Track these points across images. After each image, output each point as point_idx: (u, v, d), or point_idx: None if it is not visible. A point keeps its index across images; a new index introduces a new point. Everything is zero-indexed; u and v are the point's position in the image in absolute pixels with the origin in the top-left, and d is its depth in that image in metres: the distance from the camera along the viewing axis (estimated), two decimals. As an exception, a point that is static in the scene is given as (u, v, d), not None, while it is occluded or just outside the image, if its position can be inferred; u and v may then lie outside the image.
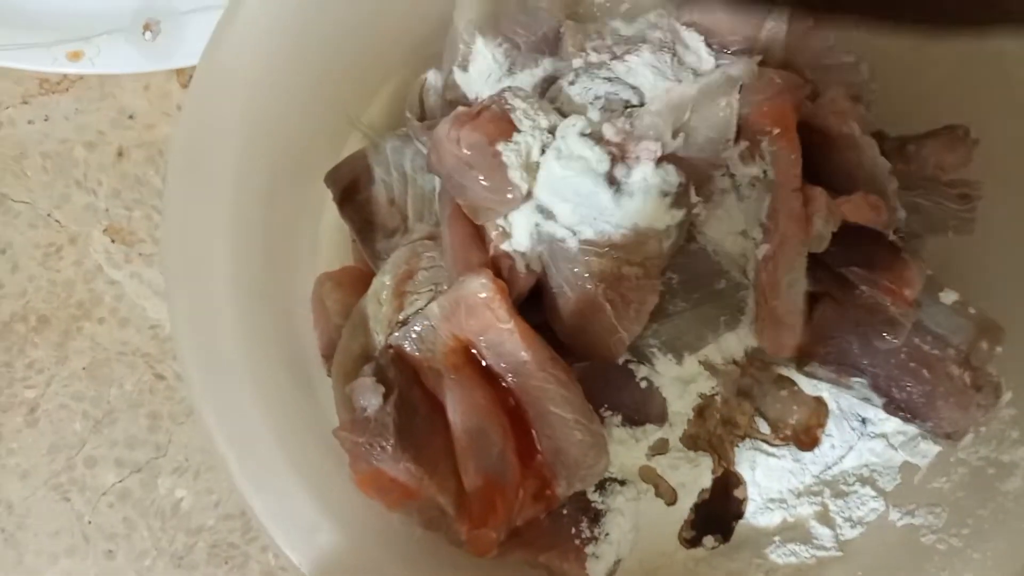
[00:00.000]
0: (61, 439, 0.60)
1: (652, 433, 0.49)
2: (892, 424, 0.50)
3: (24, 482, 0.60)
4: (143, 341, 0.61)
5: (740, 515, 0.51)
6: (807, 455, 0.51)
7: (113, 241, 0.62)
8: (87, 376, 0.61)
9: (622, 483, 0.49)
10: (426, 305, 0.46)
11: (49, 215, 0.62)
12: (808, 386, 0.51)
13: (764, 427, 0.51)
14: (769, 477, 0.51)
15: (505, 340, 0.44)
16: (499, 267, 0.45)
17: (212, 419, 0.44)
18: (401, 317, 0.46)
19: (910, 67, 0.49)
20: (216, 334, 0.45)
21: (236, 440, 0.44)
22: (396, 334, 0.45)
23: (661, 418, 0.49)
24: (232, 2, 0.47)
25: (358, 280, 0.50)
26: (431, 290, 0.47)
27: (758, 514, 0.51)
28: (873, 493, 0.50)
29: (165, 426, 0.60)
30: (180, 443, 0.60)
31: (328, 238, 0.54)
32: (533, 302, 0.46)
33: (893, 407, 0.47)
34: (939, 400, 0.46)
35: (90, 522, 0.59)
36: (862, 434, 0.50)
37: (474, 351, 0.46)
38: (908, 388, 0.46)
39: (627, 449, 0.49)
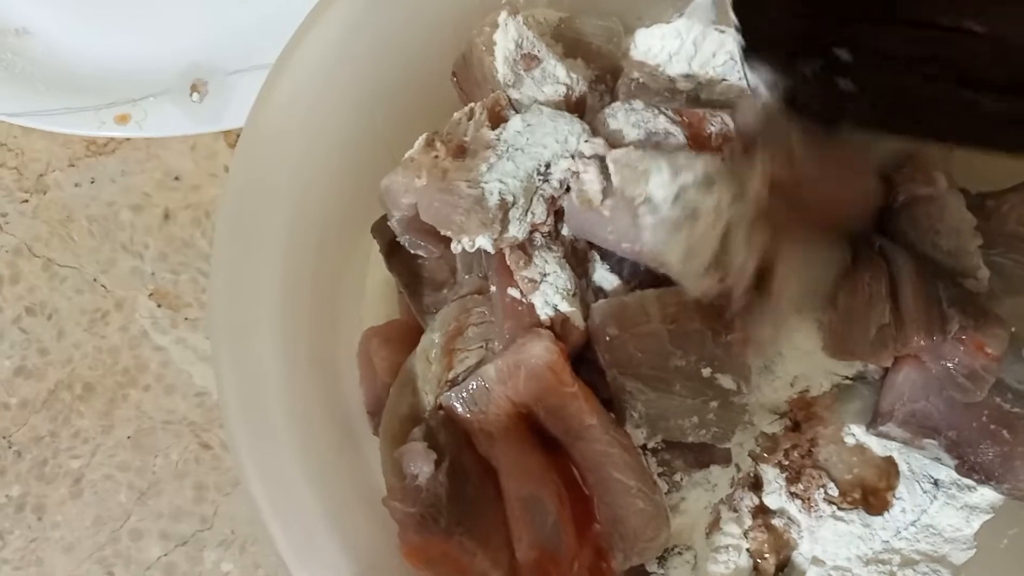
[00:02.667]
0: (106, 511, 0.61)
1: (720, 477, 0.49)
2: (966, 488, 0.49)
3: (69, 556, 0.61)
4: (189, 409, 0.62)
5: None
6: (876, 520, 0.50)
7: (159, 306, 0.63)
8: (132, 446, 0.62)
9: (683, 551, 0.48)
10: (477, 363, 0.46)
11: (95, 280, 0.64)
12: (877, 447, 0.50)
13: (833, 489, 0.50)
14: (836, 543, 0.50)
15: (568, 404, 0.44)
16: (553, 324, 0.45)
17: (259, 490, 0.45)
18: (451, 376, 0.46)
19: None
20: (263, 401, 0.46)
21: (282, 512, 0.45)
22: (447, 394, 0.46)
23: (726, 458, 0.48)
24: (277, 62, 0.48)
25: (406, 335, 0.50)
26: (481, 347, 0.47)
27: None
28: (944, 568, 0.50)
29: (211, 497, 0.61)
30: (226, 515, 0.60)
31: (374, 292, 0.55)
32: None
33: (967, 469, 0.46)
34: (1018, 460, 0.45)
35: (135, 598, 0.59)
36: (934, 498, 0.50)
37: (527, 414, 0.45)
38: (985, 450, 0.46)
39: (697, 499, 0.48)
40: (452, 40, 0.52)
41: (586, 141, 0.45)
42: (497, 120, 0.46)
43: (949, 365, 0.45)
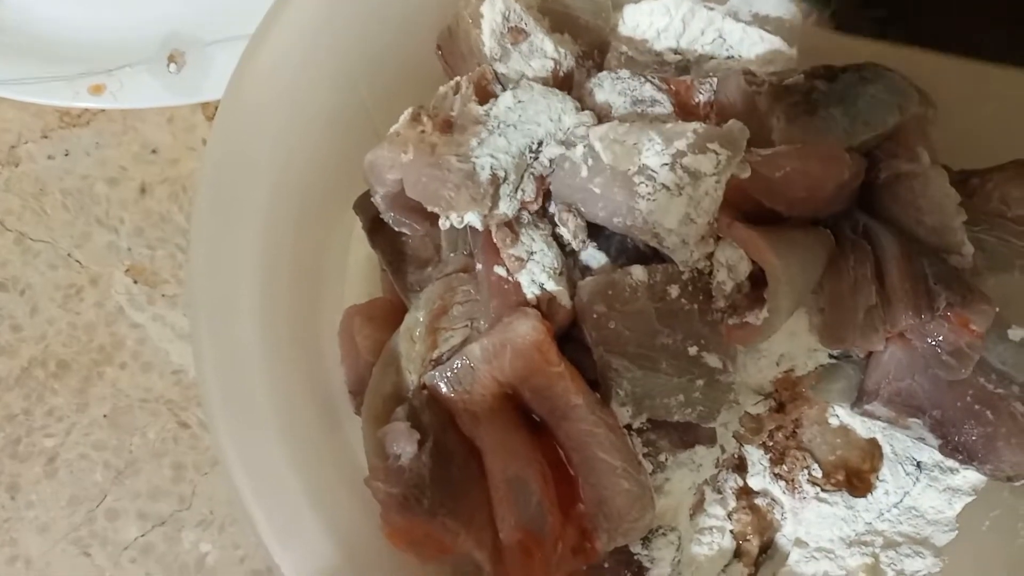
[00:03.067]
0: (82, 490, 0.60)
1: (705, 457, 0.48)
2: (949, 470, 0.50)
3: (43, 536, 0.60)
4: (166, 387, 0.61)
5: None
6: (860, 502, 0.50)
7: (135, 282, 0.62)
8: (108, 424, 0.61)
9: (668, 532, 0.48)
10: (462, 342, 0.46)
11: (69, 255, 0.63)
12: (861, 429, 0.50)
13: (816, 471, 0.51)
14: (820, 524, 0.51)
15: (554, 384, 0.44)
16: (539, 303, 0.45)
17: (239, 472, 0.44)
18: (435, 355, 0.46)
19: (968, 99, 0.49)
20: (243, 379, 0.45)
21: (263, 494, 0.44)
22: (431, 373, 0.45)
23: (711, 438, 0.48)
24: (257, 30, 0.47)
25: (389, 314, 0.50)
26: (466, 326, 0.46)
27: (804, 563, 0.50)
28: (926, 549, 0.50)
29: (189, 477, 0.60)
30: (205, 495, 0.60)
31: (356, 269, 0.54)
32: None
33: (950, 449, 0.47)
34: (1000, 441, 0.45)
35: (111, 578, 0.59)
36: (917, 480, 0.50)
37: (513, 394, 0.45)
38: (968, 430, 0.46)
39: (681, 479, 0.48)
40: (439, 11, 0.51)
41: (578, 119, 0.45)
42: (484, 95, 0.45)
43: (934, 342, 0.45)
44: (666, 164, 0.42)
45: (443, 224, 0.44)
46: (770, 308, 0.42)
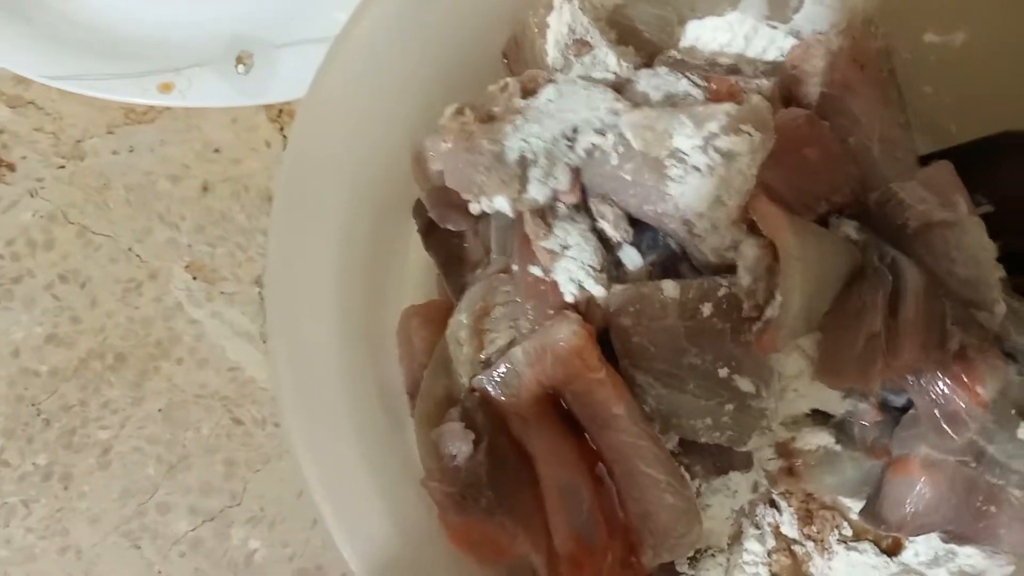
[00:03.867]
0: (134, 483, 0.61)
1: (740, 483, 0.49)
2: None
3: (94, 527, 0.61)
4: (222, 384, 0.62)
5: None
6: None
7: (195, 278, 0.63)
8: (163, 418, 0.62)
9: (716, 553, 0.48)
10: (508, 344, 0.46)
11: (130, 249, 0.64)
12: None
13: (847, 530, 0.51)
14: (851, 573, 0.51)
15: (595, 391, 0.44)
16: (577, 304, 0.45)
17: (308, 463, 0.45)
18: (483, 357, 0.46)
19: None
20: (316, 376, 0.46)
21: (333, 487, 0.45)
22: (479, 377, 0.46)
23: (746, 463, 0.47)
24: (340, 33, 0.48)
25: (445, 315, 0.50)
26: (510, 327, 0.47)
27: None
28: None
29: (241, 473, 0.61)
30: (255, 492, 0.61)
31: (417, 272, 0.55)
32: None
33: (950, 538, 0.47)
34: (1002, 529, 0.46)
35: (160, 572, 0.61)
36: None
37: (558, 399, 0.46)
38: (974, 526, 0.46)
39: (719, 505, 0.48)
40: (510, 20, 0.52)
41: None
42: (529, 94, 0.46)
43: (933, 397, 0.43)
44: (698, 146, 0.42)
45: (474, 209, 0.44)
46: (783, 290, 0.41)
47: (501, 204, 0.44)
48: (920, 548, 0.50)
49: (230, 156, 0.65)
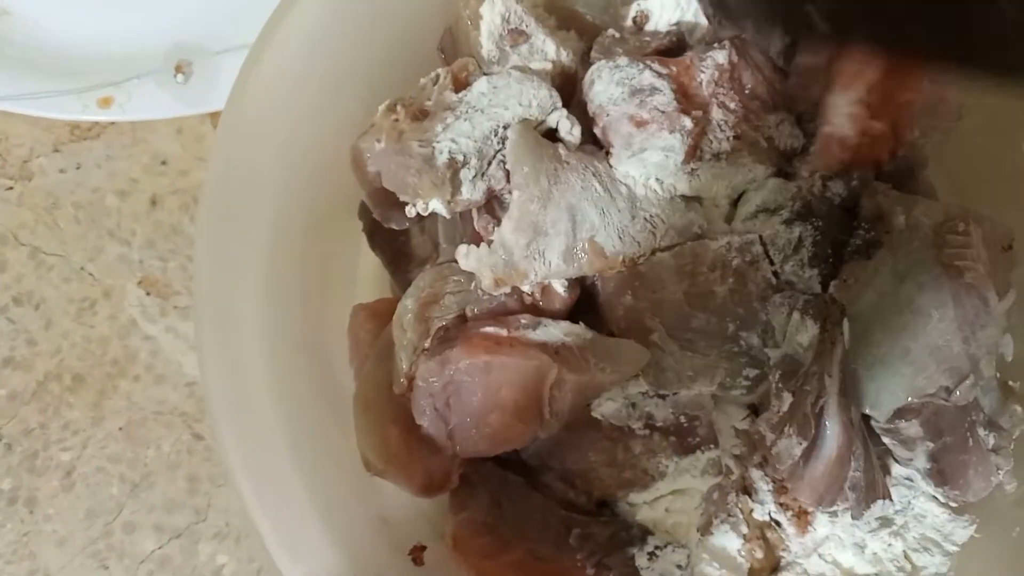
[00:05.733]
0: (98, 504, 0.62)
1: (707, 465, 0.48)
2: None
3: (62, 549, 0.61)
4: (180, 399, 0.62)
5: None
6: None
7: (148, 294, 0.63)
8: (123, 437, 0.62)
9: (677, 548, 0.48)
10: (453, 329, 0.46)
11: (82, 268, 0.64)
12: None
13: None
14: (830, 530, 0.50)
15: None
16: (532, 292, 0.45)
17: (245, 484, 0.45)
18: (427, 344, 0.46)
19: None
20: (249, 390, 0.46)
21: (271, 506, 0.45)
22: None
23: (711, 439, 0.47)
24: (259, 38, 0.48)
25: (393, 311, 0.50)
26: (459, 315, 0.46)
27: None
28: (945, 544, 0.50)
29: (204, 489, 0.61)
30: (220, 507, 0.61)
31: (367, 274, 0.55)
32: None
33: (935, 472, 0.47)
34: (971, 469, 0.46)
35: (129, 592, 0.60)
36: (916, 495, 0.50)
37: None
38: (955, 458, 0.46)
39: (688, 490, 0.48)
40: (443, 14, 0.52)
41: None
42: (461, 85, 0.46)
43: None
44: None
45: (410, 212, 0.44)
46: None
47: (437, 206, 0.44)
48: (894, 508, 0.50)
49: (177, 168, 0.65)
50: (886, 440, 0.46)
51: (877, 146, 0.45)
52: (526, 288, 0.44)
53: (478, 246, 0.43)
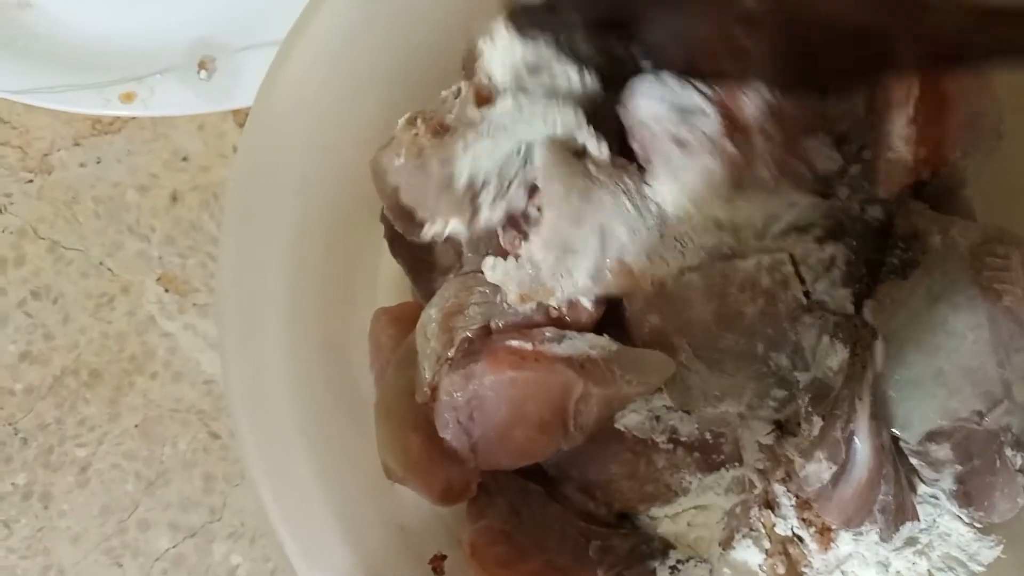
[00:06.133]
0: (113, 500, 0.62)
1: (731, 482, 0.47)
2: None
3: (76, 546, 0.61)
4: (197, 397, 0.62)
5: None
6: None
7: (167, 291, 0.63)
8: (139, 434, 0.62)
9: (699, 563, 0.47)
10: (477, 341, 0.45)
11: (101, 263, 0.64)
12: None
13: None
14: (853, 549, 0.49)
15: None
16: (559, 306, 0.44)
17: (265, 487, 0.45)
18: (451, 354, 0.45)
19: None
20: (270, 391, 0.46)
21: (290, 509, 0.45)
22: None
23: (736, 456, 0.47)
24: (288, 36, 0.48)
25: (416, 316, 0.49)
26: (484, 326, 0.46)
27: None
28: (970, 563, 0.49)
29: (220, 488, 0.61)
30: (235, 506, 0.61)
31: (389, 278, 0.54)
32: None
33: (960, 494, 0.46)
34: (997, 491, 0.45)
35: (142, 590, 0.60)
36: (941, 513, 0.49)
37: None
38: (982, 479, 0.46)
39: (711, 506, 0.48)
40: (474, 13, 0.51)
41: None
42: (484, 100, 0.45)
43: None
44: None
45: (426, 233, 0.44)
46: None
47: (456, 227, 0.43)
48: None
49: (198, 164, 0.65)
50: (913, 461, 0.45)
51: (924, 168, 0.45)
52: (552, 303, 0.43)
53: (505, 259, 0.43)
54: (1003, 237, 0.44)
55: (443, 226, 0.43)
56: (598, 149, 0.46)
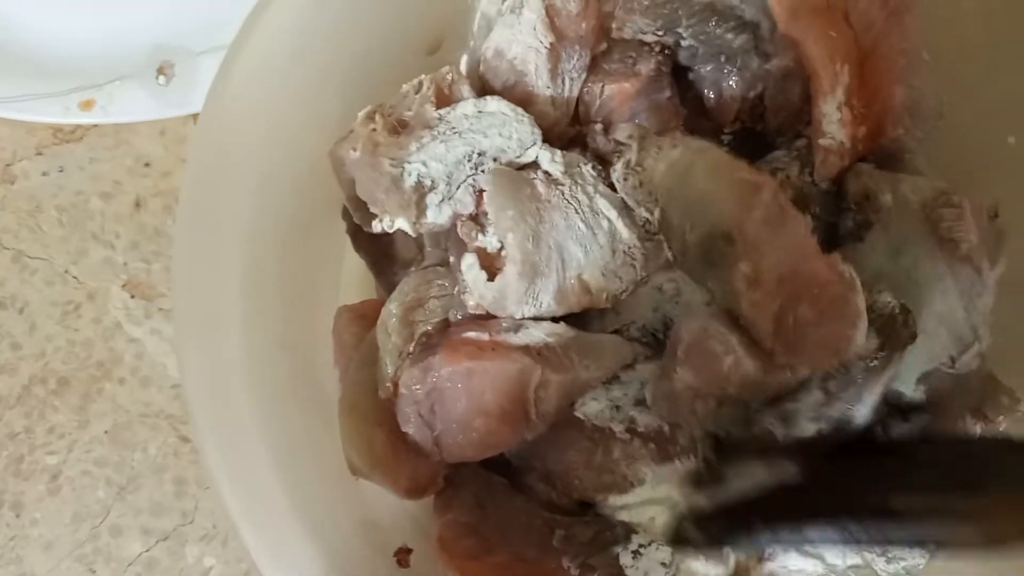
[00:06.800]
0: (85, 507, 0.62)
1: (684, 471, 0.48)
2: None
3: (48, 553, 0.61)
4: (166, 402, 0.62)
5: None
6: None
7: (132, 296, 0.64)
8: (109, 440, 0.62)
9: (660, 547, 0.48)
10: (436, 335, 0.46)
11: (66, 271, 0.64)
12: None
13: None
14: None
15: None
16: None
17: (226, 487, 0.44)
18: (410, 349, 0.46)
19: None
20: (230, 391, 0.46)
21: (252, 509, 0.45)
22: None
23: (691, 449, 0.47)
24: (238, 35, 0.48)
25: (379, 312, 0.50)
26: (444, 320, 0.47)
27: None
28: None
29: (191, 491, 0.62)
30: (207, 509, 0.61)
31: (352, 275, 0.55)
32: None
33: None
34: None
35: (117, 595, 0.60)
36: None
37: None
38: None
39: (666, 496, 0.48)
40: (427, 15, 0.52)
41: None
42: (444, 99, 0.46)
43: None
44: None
45: (376, 227, 0.44)
46: None
47: (402, 224, 0.44)
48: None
49: (160, 169, 0.65)
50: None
51: (865, 144, 0.46)
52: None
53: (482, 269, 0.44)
54: (953, 190, 0.45)
55: (391, 222, 0.44)
56: (551, 162, 0.46)
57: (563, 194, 0.45)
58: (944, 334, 0.45)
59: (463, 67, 0.51)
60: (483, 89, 0.49)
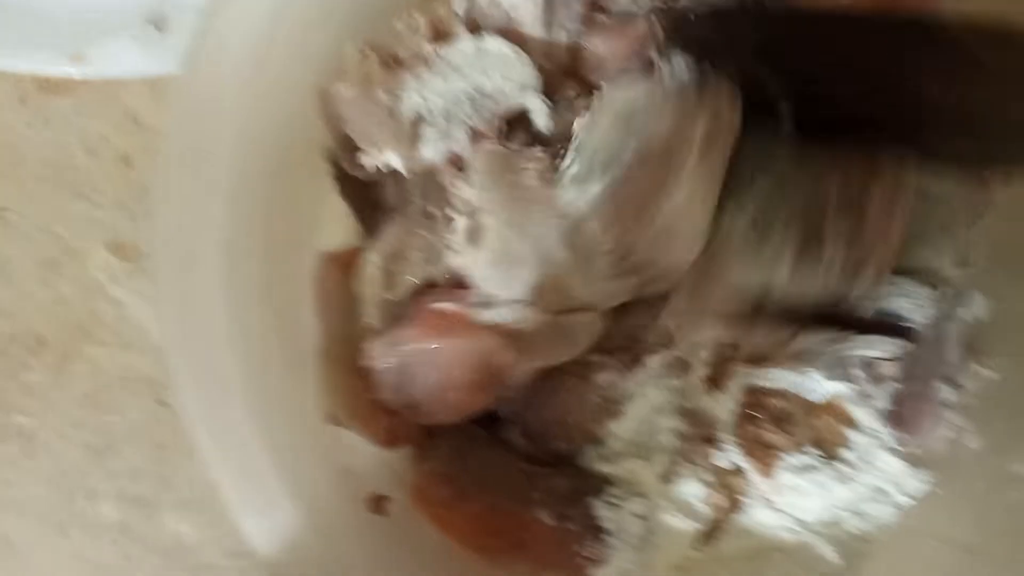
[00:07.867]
0: (60, 471, 0.61)
1: (659, 364, 0.49)
2: None
3: (21, 518, 0.60)
4: (147, 366, 0.61)
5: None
6: None
7: (116, 256, 0.62)
8: (88, 403, 0.61)
9: (637, 496, 0.48)
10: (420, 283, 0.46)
11: (48, 227, 0.62)
12: None
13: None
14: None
15: None
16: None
17: (205, 441, 0.44)
18: (391, 296, 0.46)
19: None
20: (207, 338, 0.45)
21: (231, 464, 0.44)
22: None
23: (666, 339, 0.48)
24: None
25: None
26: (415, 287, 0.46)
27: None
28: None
29: (170, 457, 0.61)
30: (185, 475, 0.60)
31: (334, 221, 0.53)
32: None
33: (892, 415, 0.49)
34: (927, 419, 0.48)
35: (91, 560, 0.60)
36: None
37: None
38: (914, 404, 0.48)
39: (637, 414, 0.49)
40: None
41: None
42: (439, 36, 0.45)
43: None
44: None
45: (367, 163, 0.44)
46: None
47: (393, 160, 0.43)
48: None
49: (150, 126, 0.64)
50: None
51: None
52: None
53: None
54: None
55: (382, 160, 0.43)
56: (543, 117, 0.46)
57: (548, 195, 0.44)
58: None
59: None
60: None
